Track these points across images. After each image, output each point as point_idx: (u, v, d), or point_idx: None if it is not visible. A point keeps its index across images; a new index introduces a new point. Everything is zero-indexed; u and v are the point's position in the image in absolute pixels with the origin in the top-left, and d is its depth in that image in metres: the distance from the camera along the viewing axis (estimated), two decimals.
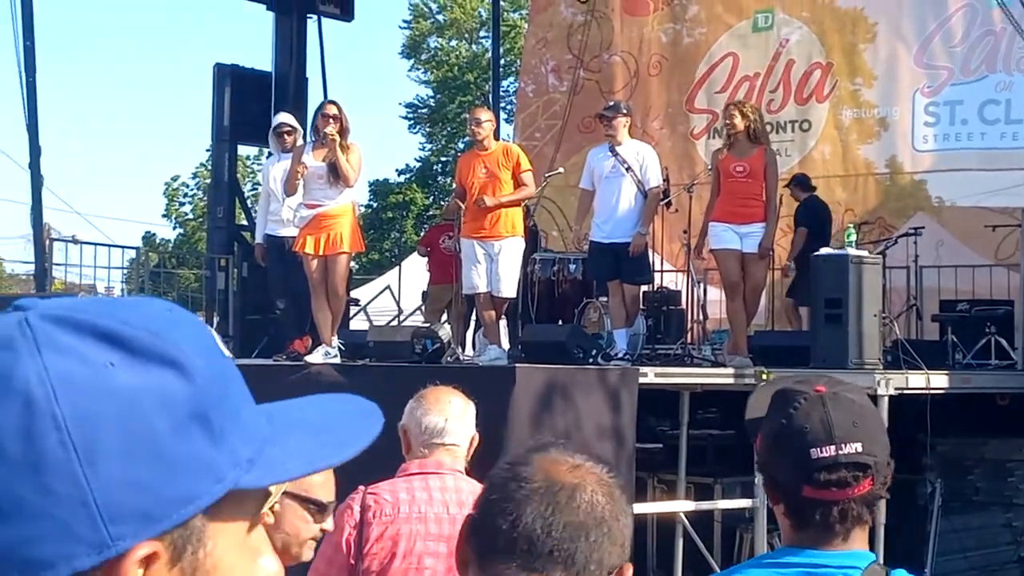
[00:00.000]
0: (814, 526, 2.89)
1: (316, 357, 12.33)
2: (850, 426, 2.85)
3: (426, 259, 17.42)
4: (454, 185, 14.52)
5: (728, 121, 12.83)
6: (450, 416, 4.95)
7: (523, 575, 2.00)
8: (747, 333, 12.91)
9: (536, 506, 2.03)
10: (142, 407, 1.19)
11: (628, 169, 12.99)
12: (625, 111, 13.45)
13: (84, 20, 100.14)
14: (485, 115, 13.37)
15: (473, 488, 5.00)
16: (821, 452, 2.83)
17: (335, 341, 12.59)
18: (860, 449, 2.84)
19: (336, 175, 12.34)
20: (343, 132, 12.43)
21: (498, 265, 12.78)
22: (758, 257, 12.65)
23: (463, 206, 13.14)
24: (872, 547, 11.34)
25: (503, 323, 13.72)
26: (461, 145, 47.30)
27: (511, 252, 12.89)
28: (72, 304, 1.23)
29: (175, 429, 1.21)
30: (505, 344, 13.15)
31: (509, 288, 12.92)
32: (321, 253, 12.38)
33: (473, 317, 14.91)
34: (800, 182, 15.79)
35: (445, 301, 15.76)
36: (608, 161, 13.11)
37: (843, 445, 2.83)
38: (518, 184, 12.92)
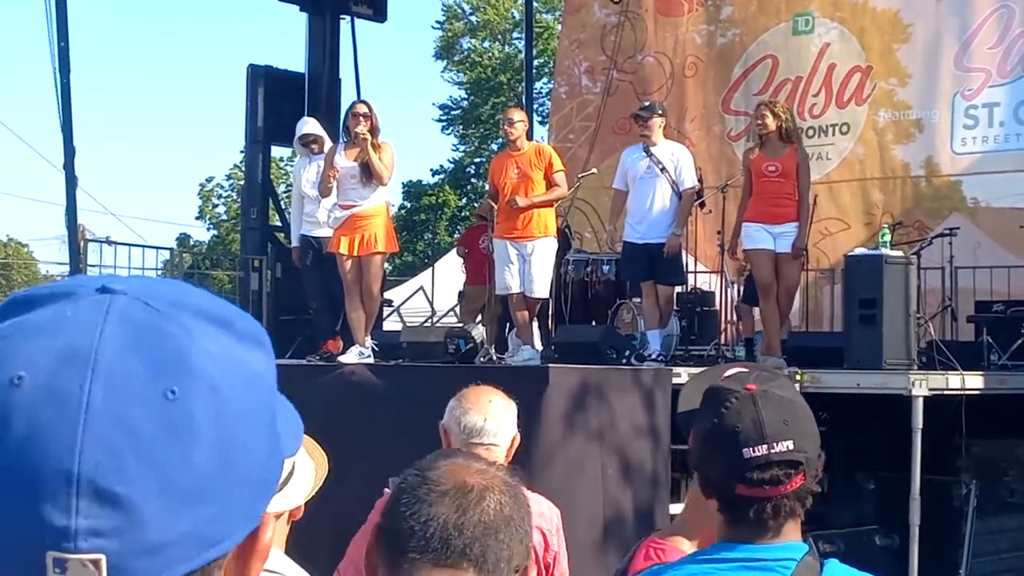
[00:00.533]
0: (748, 522, 2.92)
1: (350, 357, 12.34)
2: (781, 424, 2.89)
3: (463, 259, 17.42)
4: (487, 186, 14.53)
5: (760, 121, 12.80)
6: (490, 415, 4.94)
7: (435, 570, 2.04)
8: (781, 335, 12.89)
9: (448, 507, 2.07)
10: (268, 389, 1.25)
11: (663, 170, 12.98)
12: (661, 112, 13.44)
13: (118, 21, 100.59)
14: (518, 115, 13.38)
15: None
16: (753, 452, 2.87)
17: (368, 341, 12.61)
18: (791, 447, 2.88)
19: (369, 175, 12.35)
20: (374, 131, 12.45)
21: (531, 265, 12.78)
22: (791, 257, 12.61)
23: (495, 207, 13.16)
24: (907, 549, 11.29)
25: (535, 324, 13.73)
26: (494, 146, 47.28)
27: (544, 252, 12.88)
28: (168, 287, 1.23)
29: (274, 409, 1.26)
30: (538, 345, 13.16)
31: (542, 288, 12.92)
32: (355, 254, 12.39)
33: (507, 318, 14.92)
34: None
35: (481, 302, 15.76)
36: (643, 162, 13.09)
37: (775, 444, 2.87)
38: (550, 185, 12.91)
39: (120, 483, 1.10)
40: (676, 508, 11.13)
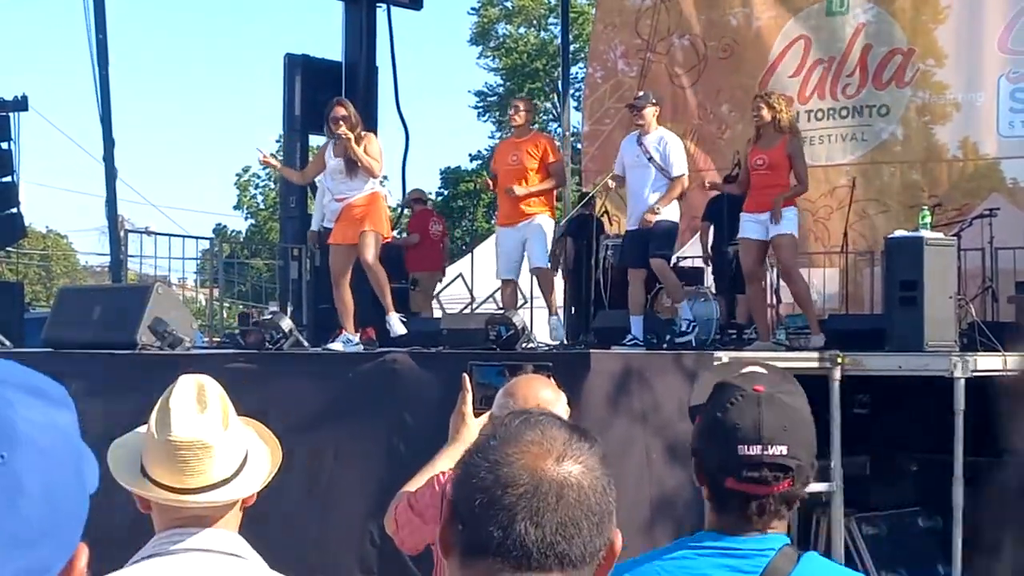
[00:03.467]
0: (733, 514, 3.06)
1: (336, 346, 12.56)
2: (780, 429, 3.01)
3: (411, 246, 17.68)
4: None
5: (755, 113, 12.95)
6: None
7: (514, 574, 2.00)
8: (820, 316, 12.93)
9: (527, 513, 2.00)
10: (76, 442, 1.48)
11: (650, 159, 13.11)
12: (654, 101, 13.61)
13: (155, 13, 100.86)
14: (523, 104, 13.86)
15: None
16: (748, 450, 3.00)
17: (395, 317, 12.81)
18: (785, 452, 3.01)
19: (354, 168, 12.61)
20: (354, 127, 12.66)
21: (528, 241, 13.17)
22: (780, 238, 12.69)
23: (492, 187, 13.63)
24: (949, 530, 11.25)
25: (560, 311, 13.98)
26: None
27: (539, 227, 13.24)
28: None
29: (80, 456, 1.50)
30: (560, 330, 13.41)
31: (539, 257, 13.35)
32: (348, 241, 12.68)
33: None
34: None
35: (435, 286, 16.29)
36: (634, 150, 13.29)
37: (769, 447, 3.00)
38: (545, 175, 13.25)
39: None
40: None
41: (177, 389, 3.24)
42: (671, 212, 13.21)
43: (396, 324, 12.71)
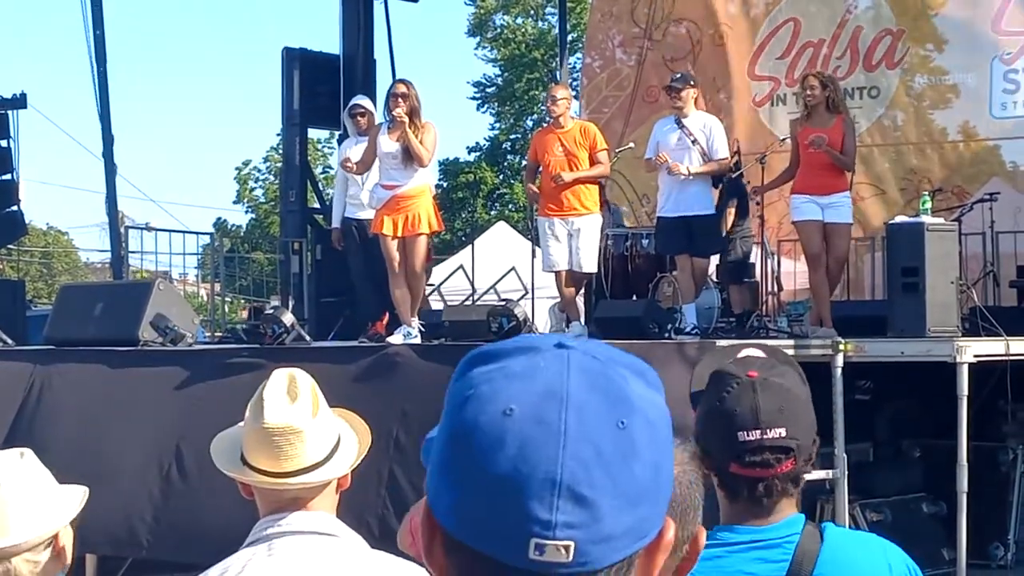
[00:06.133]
0: (744, 499, 3.16)
1: (396, 338, 12.38)
2: (776, 412, 3.10)
3: None
4: (524, 163, 14.64)
5: (809, 92, 12.74)
6: None
7: None
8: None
9: None
10: (670, 425, 1.58)
11: (694, 142, 12.96)
12: (693, 82, 13.43)
13: (152, 8, 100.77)
14: (562, 92, 13.49)
15: None
16: (747, 435, 3.10)
17: (415, 322, 12.64)
18: (784, 434, 3.10)
19: (410, 156, 12.37)
20: (413, 112, 12.45)
21: (578, 241, 12.85)
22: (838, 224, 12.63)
23: (535, 188, 13.24)
24: (954, 516, 11.26)
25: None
26: (530, 123, 47.26)
27: (590, 228, 12.96)
28: (600, 345, 1.57)
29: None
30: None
31: (590, 264, 13.00)
32: (399, 234, 12.43)
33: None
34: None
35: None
36: (674, 134, 13.07)
37: (768, 430, 3.10)
38: (594, 163, 12.96)
39: (589, 488, 1.44)
40: None
41: (270, 382, 3.46)
42: (709, 203, 13.11)
43: (399, 336, 12.49)
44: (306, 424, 3.39)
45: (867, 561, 3.17)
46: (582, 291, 13.87)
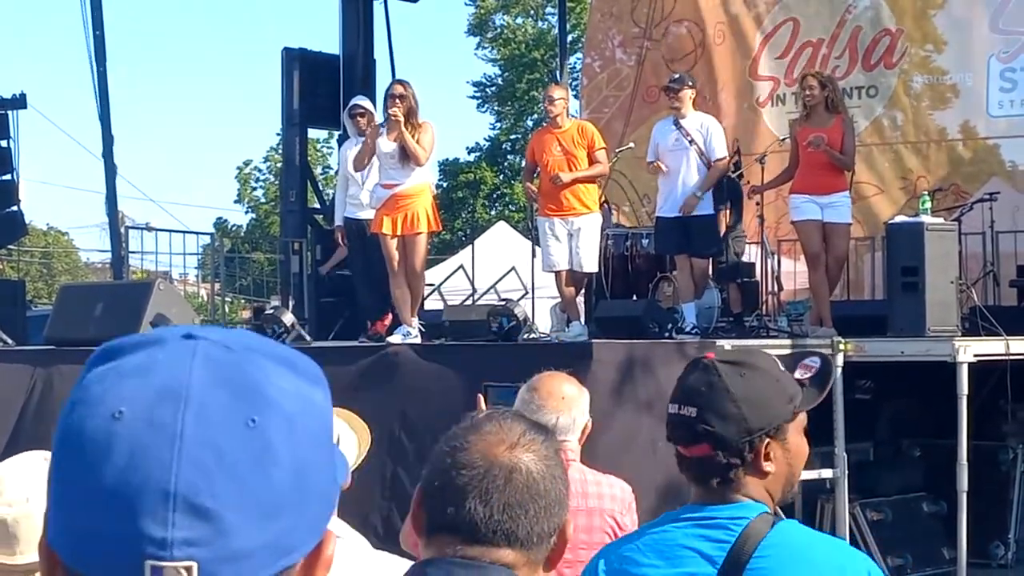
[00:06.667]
0: (691, 479, 3.22)
1: (396, 338, 12.38)
2: (697, 392, 3.15)
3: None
4: (523, 163, 14.57)
5: (808, 92, 12.76)
6: (563, 412, 4.91)
7: (469, 548, 2.21)
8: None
9: (476, 491, 2.22)
10: (329, 421, 1.41)
11: (691, 142, 12.96)
12: (691, 83, 13.44)
13: (152, 8, 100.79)
14: (559, 93, 13.46)
15: (584, 476, 5.01)
16: (670, 408, 3.22)
17: (415, 322, 12.64)
18: (693, 415, 3.13)
19: (407, 156, 12.37)
20: (410, 112, 12.46)
21: (579, 241, 12.83)
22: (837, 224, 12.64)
23: (533, 187, 13.23)
24: (955, 515, 11.26)
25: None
26: (530, 123, 47.22)
27: (590, 228, 12.95)
28: (242, 334, 1.40)
29: (333, 438, 1.43)
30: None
31: (591, 263, 12.99)
32: (399, 233, 12.43)
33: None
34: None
35: None
36: (672, 134, 13.08)
37: (682, 407, 3.16)
38: (592, 162, 12.96)
39: (210, 499, 1.25)
40: None
41: None
42: (708, 204, 13.12)
43: (398, 336, 12.48)
44: None
45: (819, 556, 3.09)
46: (582, 290, 13.83)
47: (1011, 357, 11.85)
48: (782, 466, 3.17)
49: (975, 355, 11.42)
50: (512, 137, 50.18)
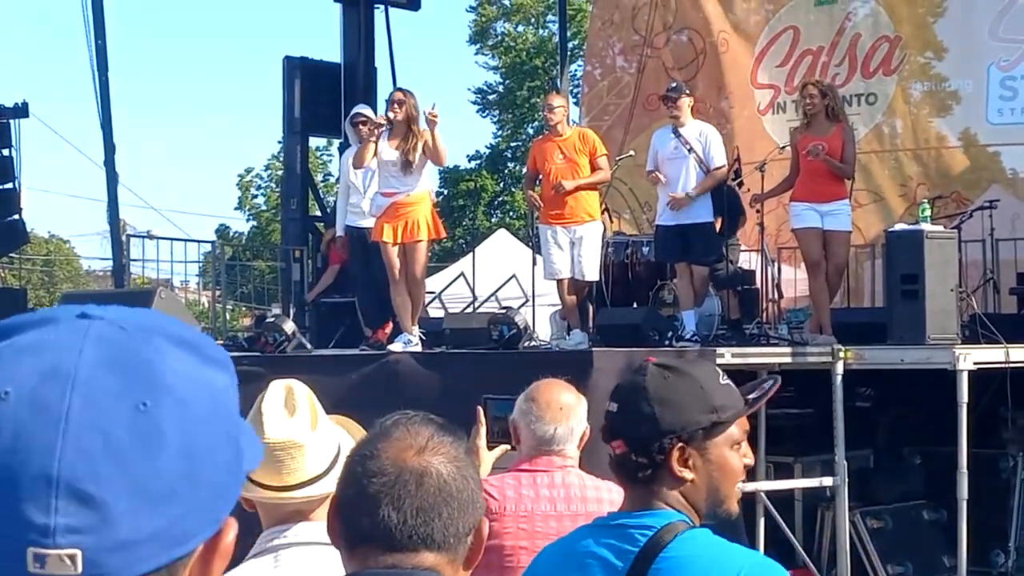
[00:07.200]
0: (616, 482, 3.33)
1: (396, 346, 12.39)
2: (622, 389, 3.22)
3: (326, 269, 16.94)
4: (524, 171, 14.57)
5: (808, 101, 12.79)
6: (561, 422, 4.92)
7: (387, 555, 2.22)
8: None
9: (388, 499, 2.23)
10: (230, 406, 1.37)
11: (690, 150, 12.98)
12: (688, 91, 13.46)
13: (154, 17, 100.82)
14: (558, 101, 13.47)
15: (583, 482, 5.02)
16: (607, 405, 3.24)
17: (416, 330, 12.65)
18: (614, 409, 3.19)
19: (409, 165, 12.39)
20: (410, 120, 12.48)
21: (580, 249, 12.84)
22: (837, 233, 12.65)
23: (535, 195, 13.23)
24: (955, 522, 11.25)
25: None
26: (531, 130, 47.23)
27: (592, 236, 12.95)
28: (142, 313, 1.36)
29: (236, 423, 1.38)
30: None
31: (592, 272, 12.99)
32: (399, 241, 12.44)
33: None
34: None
35: None
36: (671, 143, 13.11)
37: (609, 404, 3.22)
38: (594, 169, 12.98)
39: (95, 485, 1.22)
40: None
41: (268, 394, 3.48)
42: (707, 211, 13.12)
43: (399, 344, 12.47)
44: (306, 437, 3.43)
45: (718, 566, 2.99)
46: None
47: (1011, 365, 11.86)
48: (703, 476, 3.12)
49: (975, 363, 11.42)
50: (513, 145, 50.21)
